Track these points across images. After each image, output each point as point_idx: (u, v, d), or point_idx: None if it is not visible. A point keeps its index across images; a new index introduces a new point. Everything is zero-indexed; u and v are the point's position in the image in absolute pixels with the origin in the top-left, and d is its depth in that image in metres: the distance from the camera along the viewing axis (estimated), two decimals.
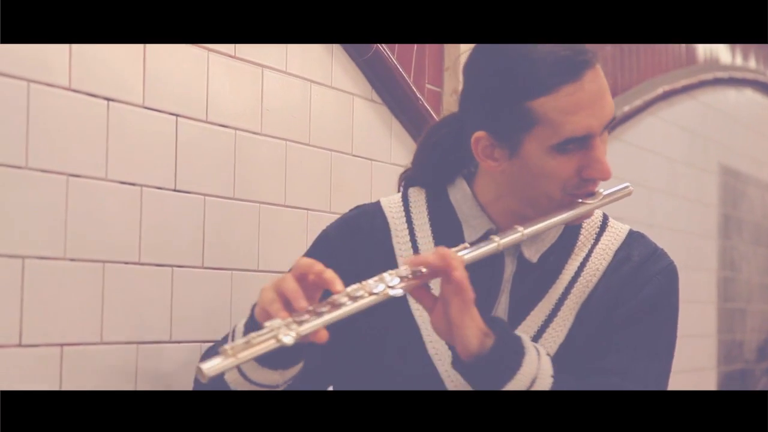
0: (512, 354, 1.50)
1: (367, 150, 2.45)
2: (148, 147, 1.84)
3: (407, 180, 1.76)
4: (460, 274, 1.48)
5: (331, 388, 1.74)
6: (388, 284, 1.46)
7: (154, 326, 1.85)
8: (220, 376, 1.46)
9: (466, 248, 1.54)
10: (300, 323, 1.41)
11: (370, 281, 1.47)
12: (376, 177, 2.47)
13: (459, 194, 1.68)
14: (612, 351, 1.61)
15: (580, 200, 1.61)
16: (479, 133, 1.59)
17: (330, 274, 1.45)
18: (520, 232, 1.57)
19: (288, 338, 1.39)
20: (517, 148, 1.57)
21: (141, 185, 1.82)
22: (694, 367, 4.24)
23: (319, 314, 1.42)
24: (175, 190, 1.90)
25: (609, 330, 1.62)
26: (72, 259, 1.69)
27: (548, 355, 1.55)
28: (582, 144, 1.56)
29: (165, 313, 1.88)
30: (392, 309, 1.59)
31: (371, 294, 1.45)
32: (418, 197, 1.72)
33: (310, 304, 1.43)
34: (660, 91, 3.89)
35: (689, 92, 4.19)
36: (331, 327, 1.45)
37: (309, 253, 1.70)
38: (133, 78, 1.81)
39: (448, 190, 1.70)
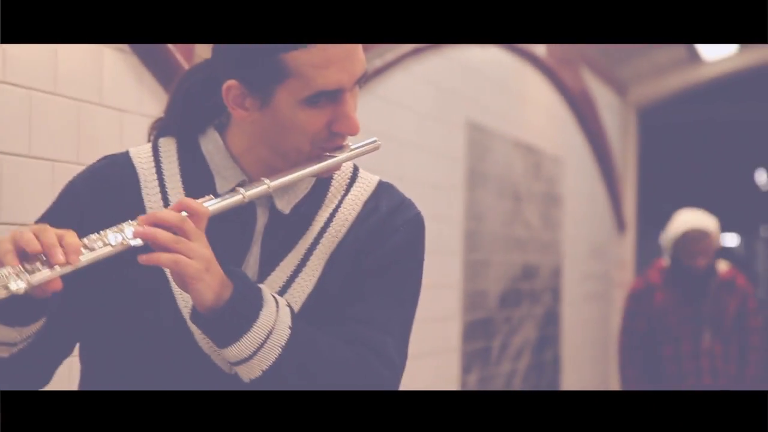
0: (249, 306, 1.51)
1: (117, 100, 2.40)
2: None
3: (158, 130, 1.73)
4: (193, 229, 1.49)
5: (78, 343, 1.68)
6: (127, 235, 1.45)
7: None
8: None
9: (211, 199, 1.54)
10: (32, 272, 1.38)
11: (109, 231, 1.46)
12: (127, 128, 2.43)
13: (211, 145, 1.67)
14: (358, 299, 1.64)
15: (328, 153, 1.63)
16: (231, 82, 1.59)
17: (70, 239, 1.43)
18: (266, 184, 1.58)
19: (17, 285, 1.35)
20: (269, 99, 1.58)
21: None
22: (439, 317, 4.38)
23: (52, 265, 1.40)
24: None
25: (357, 279, 1.65)
26: None
27: (289, 306, 1.57)
28: (332, 98, 1.58)
29: None
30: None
31: (108, 245, 1.44)
32: (168, 148, 1.69)
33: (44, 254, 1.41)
34: (411, 47, 3.96)
35: (438, 48, 4.29)
36: (77, 279, 1.41)
37: (55, 205, 1.67)
38: None
39: (199, 140, 1.68)
